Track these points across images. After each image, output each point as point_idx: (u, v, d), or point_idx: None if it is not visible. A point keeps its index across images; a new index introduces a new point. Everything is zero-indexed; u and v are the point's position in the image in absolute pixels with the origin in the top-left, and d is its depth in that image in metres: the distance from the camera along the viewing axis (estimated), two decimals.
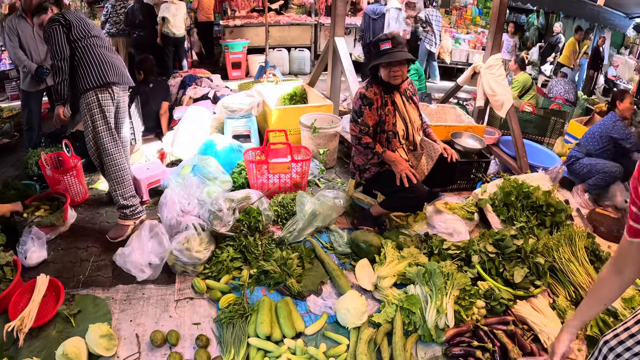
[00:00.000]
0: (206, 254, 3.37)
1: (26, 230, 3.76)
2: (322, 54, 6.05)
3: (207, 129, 5.50)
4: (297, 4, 12.62)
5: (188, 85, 7.16)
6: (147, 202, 4.48)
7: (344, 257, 3.49)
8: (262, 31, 10.52)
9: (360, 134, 3.46)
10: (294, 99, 5.98)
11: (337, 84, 5.78)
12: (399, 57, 3.26)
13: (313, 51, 11.39)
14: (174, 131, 5.51)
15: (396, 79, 3.34)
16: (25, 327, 2.85)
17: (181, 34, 9.40)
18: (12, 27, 5.14)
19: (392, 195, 3.52)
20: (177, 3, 9.04)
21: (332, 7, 5.59)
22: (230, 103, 5.30)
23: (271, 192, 4.13)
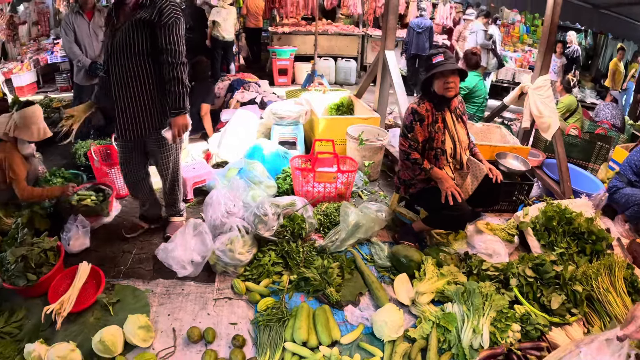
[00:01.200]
0: (248, 256, 3.42)
1: (71, 218, 3.89)
2: (372, 66, 6.07)
3: (253, 134, 5.58)
4: (346, 15, 12.69)
5: (236, 88, 7.26)
6: (191, 200, 4.57)
7: (383, 270, 3.49)
8: (309, 39, 10.63)
9: (410, 149, 3.46)
10: (340, 109, 6.01)
11: (385, 97, 5.78)
12: (451, 67, 3.28)
13: (359, 62, 11.43)
14: (220, 133, 5.61)
15: (449, 90, 3.34)
16: (64, 311, 2.95)
17: (230, 38, 9.55)
18: (68, 23, 5.33)
19: (436, 213, 3.51)
20: (227, 8, 9.19)
21: (384, 20, 5.62)
22: (278, 109, 5.36)
23: (316, 201, 4.17)
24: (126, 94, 3.17)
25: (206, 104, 6.06)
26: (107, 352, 2.65)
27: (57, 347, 2.59)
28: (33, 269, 3.22)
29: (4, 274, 3.20)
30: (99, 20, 5.41)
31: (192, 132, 6.07)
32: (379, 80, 5.78)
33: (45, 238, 3.52)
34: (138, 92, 3.18)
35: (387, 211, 3.94)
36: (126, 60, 3.07)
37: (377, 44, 10.94)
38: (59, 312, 2.93)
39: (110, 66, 3.15)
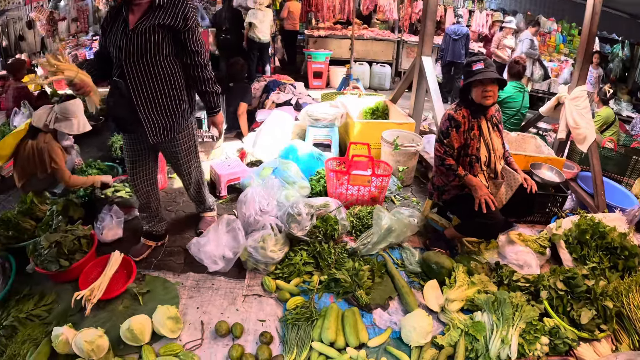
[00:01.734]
0: (280, 254, 3.44)
1: (106, 208, 3.99)
2: (408, 72, 6.05)
3: (288, 134, 5.63)
4: (381, 20, 12.69)
5: (272, 90, 7.34)
6: (224, 197, 4.65)
7: (413, 276, 3.49)
8: (345, 43, 10.68)
9: (445, 155, 3.46)
10: (375, 113, 6.02)
11: (420, 103, 5.78)
12: (491, 76, 3.26)
13: (394, 67, 11.42)
14: (256, 133, 5.68)
15: (487, 99, 3.32)
16: (94, 297, 3.01)
17: (266, 40, 9.62)
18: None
19: (469, 220, 3.50)
20: (264, 10, 9.29)
21: (421, 26, 5.61)
22: (314, 112, 5.41)
23: (349, 203, 4.19)
24: (150, 97, 3.00)
25: (244, 103, 6.15)
26: (135, 340, 2.71)
27: (85, 332, 2.64)
28: (66, 255, 3.31)
29: (37, 259, 3.30)
30: None
31: (227, 131, 6.19)
32: (415, 86, 5.77)
33: (80, 226, 3.62)
34: (164, 95, 3.04)
35: (420, 217, 3.93)
36: (149, 64, 2.91)
37: (412, 50, 10.96)
38: (89, 298, 3.00)
39: (128, 69, 2.90)
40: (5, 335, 2.88)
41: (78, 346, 2.58)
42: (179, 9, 2.86)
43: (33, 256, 3.34)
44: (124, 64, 2.89)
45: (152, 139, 3.11)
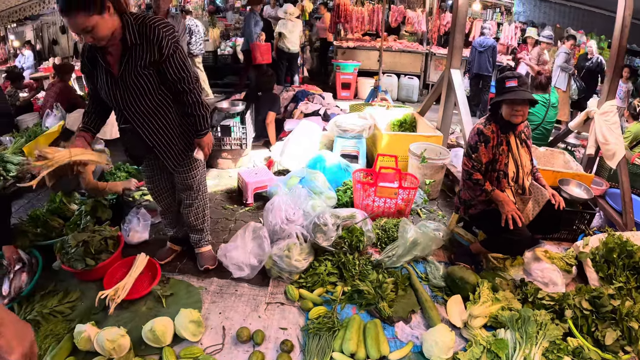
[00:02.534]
0: (304, 264, 3.46)
1: (133, 211, 4.07)
2: (436, 84, 6.05)
3: (316, 144, 5.67)
4: (410, 32, 12.70)
5: (300, 99, 7.40)
6: (251, 205, 4.69)
7: (437, 290, 3.46)
8: (373, 55, 10.74)
9: (472, 170, 3.44)
10: (403, 125, 6.02)
11: (448, 116, 5.76)
12: (523, 96, 3.23)
13: (422, 80, 11.40)
14: (284, 142, 5.73)
15: (517, 117, 3.30)
16: (118, 297, 3.06)
17: (295, 50, 9.75)
18: None
19: (495, 236, 3.47)
20: (294, 20, 9.40)
21: (450, 38, 5.60)
22: (342, 122, 5.44)
23: (375, 215, 4.19)
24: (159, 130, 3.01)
25: (273, 112, 6.21)
26: (156, 341, 2.74)
27: (108, 331, 2.69)
28: (92, 255, 3.39)
29: (63, 256, 3.38)
30: None
31: (255, 139, 6.25)
32: (444, 99, 5.76)
33: (107, 227, 3.70)
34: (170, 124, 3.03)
35: (445, 231, 3.92)
36: (146, 103, 2.89)
37: (441, 62, 10.93)
38: (112, 298, 3.05)
39: (129, 114, 2.92)
40: None
41: (100, 344, 2.63)
42: (152, 42, 2.69)
43: (60, 254, 3.43)
44: (124, 111, 2.91)
45: (170, 166, 3.16)
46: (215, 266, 3.60)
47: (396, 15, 11.99)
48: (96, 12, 2.43)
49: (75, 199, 4.37)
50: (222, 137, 5.58)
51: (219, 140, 5.60)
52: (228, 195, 5.05)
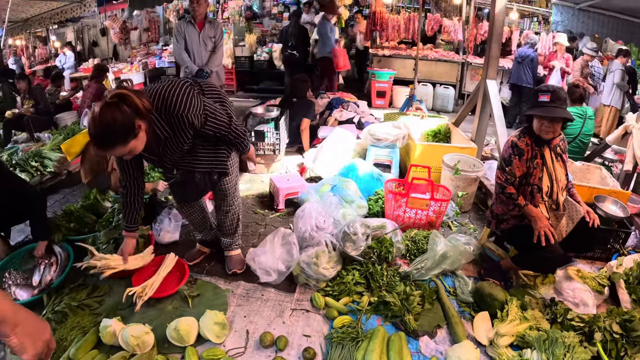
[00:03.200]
0: (332, 272, 3.45)
1: (165, 211, 4.14)
2: (472, 95, 5.98)
3: (349, 152, 5.67)
4: (446, 41, 12.62)
5: (335, 107, 7.42)
6: (282, 210, 4.72)
7: (464, 306, 3.39)
8: (409, 63, 10.68)
9: (506, 183, 3.38)
10: (437, 136, 5.97)
11: (483, 127, 5.68)
12: (552, 114, 3.16)
13: (457, 89, 11.27)
14: (317, 149, 5.75)
15: (547, 134, 3.24)
16: (145, 295, 3.11)
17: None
18: (180, 31, 5.77)
19: (527, 252, 3.40)
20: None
21: (487, 48, 5.52)
22: (376, 131, 5.43)
23: (406, 226, 4.15)
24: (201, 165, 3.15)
25: (307, 119, 6.24)
26: (180, 341, 2.78)
27: (133, 327, 2.74)
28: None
29: None
30: (209, 31, 5.79)
31: (289, 145, 6.29)
32: (479, 110, 5.68)
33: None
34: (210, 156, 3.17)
35: (476, 245, 3.86)
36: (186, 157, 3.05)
37: (477, 72, 10.80)
38: (140, 295, 3.10)
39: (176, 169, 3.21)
40: (56, 320, 3.03)
41: (124, 339, 2.69)
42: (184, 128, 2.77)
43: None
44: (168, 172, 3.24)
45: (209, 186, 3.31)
46: (243, 270, 3.63)
47: (432, 23, 11.91)
48: (131, 137, 2.50)
49: (109, 196, 4.47)
50: (256, 142, 5.63)
51: (253, 145, 5.62)
52: (259, 199, 5.08)
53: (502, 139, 4.89)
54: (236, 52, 12.11)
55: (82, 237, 3.83)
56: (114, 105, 2.38)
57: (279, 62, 11.40)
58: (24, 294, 3.33)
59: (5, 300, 1.31)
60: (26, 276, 3.52)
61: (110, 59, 15.65)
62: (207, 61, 5.87)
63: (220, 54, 6.05)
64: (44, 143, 6.60)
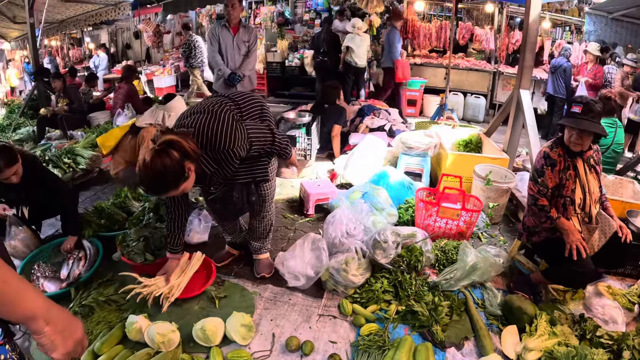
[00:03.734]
0: (361, 279, 3.45)
1: (195, 212, 4.21)
2: (505, 105, 5.91)
3: (381, 160, 5.68)
4: (477, 50, 12.53)
5: (366, 114, 7.43)
6: (311, 216, 4.75)
7: (492, 318, 3.35)
8: (440, 72, 10.67)
9: (538, 195, 3.35)
10: (468, 146, 5.94)
11: (516, 138, 5.62)
12: (581, 126, 3.13)
13: (489, 99, 11.15)
14: (348, 155, 5.77)
15: (575, 146, 3.22)
16: (172, 296, 3.16)
17: (363, 65, 9.73)
18: (214, 34, 5.87)
19: (558, 266, 3.36)
20: (362, 35, 9.42)
21: (521, 57, 5.46)
22: (408, 139, 5.43)
23: (436, 236, 4.14)
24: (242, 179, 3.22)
25: (339, 125, 6.27)
26: (206, 341, 2.82)
27: (159, 325, 2.79)
28: (152, 250, 3.55)
29: (124, 249, 3.56)
30: (243, 35, 5.87)
31: (319, 151, 6.33)
32: (511, 120, 5.61)
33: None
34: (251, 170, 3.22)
35: (506, 257, 3.82)
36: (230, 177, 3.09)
37: (508, 82, 10.67)
38: (167, 296, 3.15)
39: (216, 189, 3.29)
40: (82, 314, 3.11)
41: (150, 336, 2.74)
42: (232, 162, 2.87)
43: (121, 246, 3.62)
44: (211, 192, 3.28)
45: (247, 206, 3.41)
46: (271, 274, 3.66)
47: (464, 32, 11.85)
48: (182, 180, 2.59)
49: (139, 195, 4.57)
50: None
51: None
52: (289, 204, 5.12)
53: (534, 150, 4.83)
54: (268, 58, 12.24)
55: (112, 234, 3.93)
56: (163, 152, 2.46)
57: (310, 68, 11.48)
58: (51, 286, 3.43)
59: (39, 297, 1.29)
60: (55, 269, 3.62)
61: (143, 62, 15.96)
62: (240, 65, 5.94)
63: (253, 59, 6.11)
64: (77, 141, 6.79)
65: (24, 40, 13.98)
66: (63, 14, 12.01)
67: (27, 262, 3.61)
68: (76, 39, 19.02)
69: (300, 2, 15.78)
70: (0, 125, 8.64)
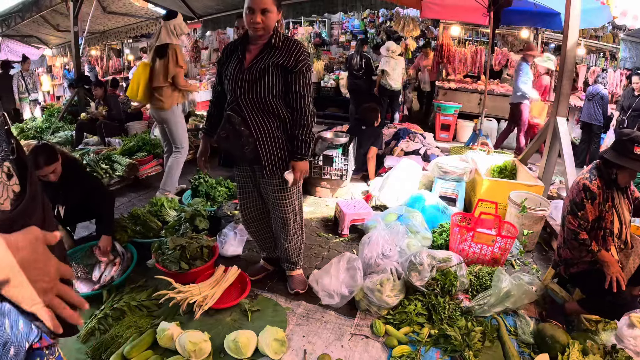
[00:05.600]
0: (395, 300, 3.47)
1: (231, 225, 4.32)
2: (540, 132, 5.92)
3: (416, 184, 5.72)
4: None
5: (402, 137, 7.48)
6: (346, 235, 4.80)
7: (524, 346, 3.32)
8: (474, 97, 10.66)
9: (579, 229, 3.28)
10: (503, 172, 5.93)
11: (551, 165, 5.59)
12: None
13: None
14: (383, 177, 5.84)
15: (625, 184, 3.23)
16: (205, 305, 3.24)
17: (398, 88, 9.84)
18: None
19: (596, 297, 3.34)
20: (396, 58, 9.53)
21: (558, 85, 5.41)
22: (444, 164, 5.49)
23: (471, 261, 4.16)
24: (266, 131, 3.10)
25: (375, 147, 6.35)
26: (237, 353, 2.86)
27: (192, 334, 2.86)
28: (187, 259, 3.62)
29: (159, 256, 3.64)
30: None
31: (355, 172, 6.41)
32: (547, 148, 5.56)
33: (205, 236, 3.95)
34: (277, 130, 3.13)
35: (539, 285, 3.80)
36: (262, 101, 3.04)
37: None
38: (200, 304, 3.23)
39: (243, 104, 3.06)
40: (113, 316, 3.19)
41: (182, 344, 2.80)
42: (292, 50, 2.97)
43: (156, 253, 3.69)
44: (239, 100, 3.06)
45: (266, 172, 3.20)
46: (305, 291, 3.71)
47: (500, 57, 11.86)
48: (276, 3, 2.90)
49: (175, 205, 4.70)
50: (324, 166, 5.77)
51: (320, 169, 5.80)
52: (323, 223, 5.19)
53: (570, 179, 4.81)
54: None
55: (147, 241, 4.05)
56: None
57: (345, 89, 11.58)
58: (84, 287, 3.53)
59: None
60: (87, 271, 3.71)
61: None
62: None
63: None
64: (114, 148, 6.98)
65: (65, 48, 14.50)
66: (105, 25, 12.47)
67: None
68: (116, 49, 19.52)
69: (336, 24, 16.02)
70: (40, 128, 8.92)
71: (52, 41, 14.16)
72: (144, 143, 6.92)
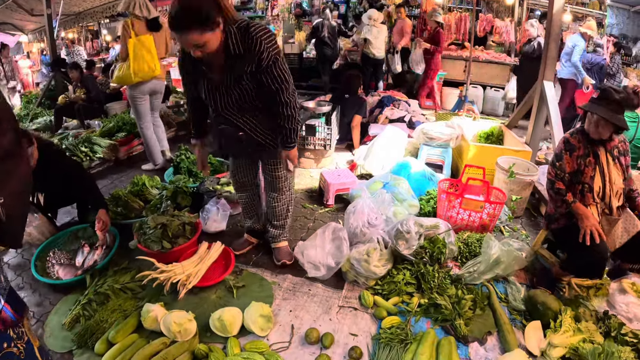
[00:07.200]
0: (382, 270, 3.40)
1: (213, 200, 4.21)
2: (527, 97, 5.82)
3: (401, 151, 5.64)
4: (497, 42, 12.35)
5: (386, 105, 7.39)
6: (331, 206, 4.72)
7: (516, 313, 3.28)
8: (459, 64, 10.54)
9: (555, 178, 3.34)
10: (490, 138, 5.85)
11: (538, 131, 5.51)
12: (601, 113, 3.08)
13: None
14: (368, 146, 5.74)
15: (595, 134, 3.19)
16: (189, 284, 3.17)
17: (381, 56, 9.73)
18: None
19: (572, 254, 3.34)
20: (379, 26, 9.36)
21: (544, 49, 5.34)
22: (430, 130, 5.39)
23: (459, 227, 4.08)
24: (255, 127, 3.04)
25: (359, 116, 6.23)
26: (223, 331, 2.81)
27: (176, 314, 2.79)
28: (169, 238, 3.51)
29: (141, 237, 3.53)
30: None
31: (339, 142, 6.30)
32: (535, 113, 5.50)
33: (186, 213, 3.84)
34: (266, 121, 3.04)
35: (529, 251, 3.73)
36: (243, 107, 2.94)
37: None
38: (184, 283, 3.15)
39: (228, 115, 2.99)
40: (97, 301, 3.10)
41: (166, 325, 2.74)
42: (253, 51, 2.66)
43: (138, 234, 3.59)
44: (224, 113, 2.97)
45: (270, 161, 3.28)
46: (292, 262, 3.63)
47: (484, 24, 11.70)
48: (209, 29, 2.47)
49: (157, 183, 4.59)
50: (307, 136, 5.65)
51: (303, 139, 5.68)
52: (308, 194, 5.11)
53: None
54: (285, 49, 12.17)
55: (128, 222, 3.93)
56: None
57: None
58: (67, 273, 3.42)
59: None
60: (70, 257, 3.62)
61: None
62: None
63: None
64: (94, 130, 6.87)
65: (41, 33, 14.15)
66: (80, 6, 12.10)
67: (43, 249, 3.62)
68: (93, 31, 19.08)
69: None
70: (18, 115, 8.70)
71: (28, 27, 13.76)
72: (124, 123, 6.79)
